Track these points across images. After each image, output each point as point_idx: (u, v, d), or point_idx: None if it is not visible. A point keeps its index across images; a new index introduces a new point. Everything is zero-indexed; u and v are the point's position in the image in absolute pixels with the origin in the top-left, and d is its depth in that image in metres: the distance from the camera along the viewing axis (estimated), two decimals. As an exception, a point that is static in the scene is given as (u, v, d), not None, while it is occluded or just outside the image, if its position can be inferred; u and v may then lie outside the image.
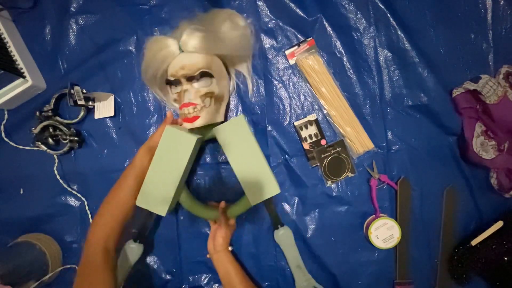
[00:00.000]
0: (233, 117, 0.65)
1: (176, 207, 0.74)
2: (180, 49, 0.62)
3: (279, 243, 0.71)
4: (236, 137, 0.63)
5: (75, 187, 0.77)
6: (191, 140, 0.60)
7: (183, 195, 0.70)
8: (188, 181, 0.74)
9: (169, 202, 0.62)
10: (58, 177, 0.75)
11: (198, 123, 0.63)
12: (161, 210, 0.62)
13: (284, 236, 0.71)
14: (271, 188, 0.62)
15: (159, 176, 0.61)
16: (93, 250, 0.56)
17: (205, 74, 0.63)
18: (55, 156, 0.75)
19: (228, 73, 0.71)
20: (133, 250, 0.70)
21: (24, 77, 0.72)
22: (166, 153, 0.61)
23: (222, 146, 0.63)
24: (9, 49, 0.72)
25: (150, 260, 0.75)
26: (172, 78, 0.64)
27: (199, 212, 0.70)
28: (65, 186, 0.75)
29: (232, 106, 0.75)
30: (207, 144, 0.75)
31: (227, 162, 0.74)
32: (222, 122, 0.67)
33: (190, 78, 0.62)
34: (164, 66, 0.64)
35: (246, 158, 0.63)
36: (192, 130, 0.65)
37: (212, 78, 0.64)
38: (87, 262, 0.55)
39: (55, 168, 0.75)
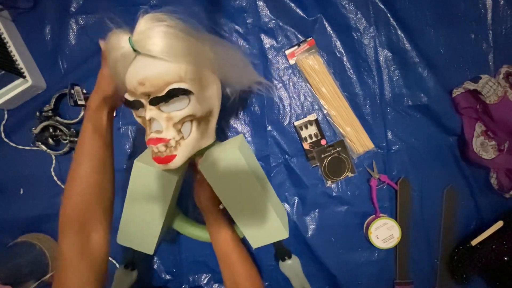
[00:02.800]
0: (225, 149, 0.49)
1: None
2: (134, 49, 0.41)
3: (285, 273, 0.68)
4: (229, 175, 0.49)
5: (75, 187, 0.77)
6: (171, 179, 0.49)
7: (177, 220, 0.63)
8: (179, 200, 0.68)
9: (155, 240, 0.54)
10: (55, 178, 0.75)
11: (174, 164, 0.44)
12: (148, 248, 0.54)
13: (291, 267, 0.67)
14: (278, 233, 0.53)
15: (138, 215, 0.52)
16: (64, 241, 0.44)
17: (176, 93, 0.41)
18: (53, 157, 0.75)
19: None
20: (123, 279, 0.64)
21: (24, 77, 0.72)
22: (141, 195, 0.50)
23: (212, 185, 0.51)
24: (9, 49, 0.72)
25: (150, 260, 0.75)
26: (130, 98, 0.43)
27: (199, 236, 0.64)
28: (63, 187, 0.75)
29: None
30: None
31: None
32: (212, 145, 0.52)
33: (154, 101, 0.41)
34: (120, 76, 0.44)
35: (244, 200, 0.51)
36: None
37: (189, 95, 0.43)
38: (59, 257, 0.44)
39: (52, 169, 0.75)
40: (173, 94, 0.41)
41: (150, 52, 0.40)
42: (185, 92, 0.42)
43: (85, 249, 0.44)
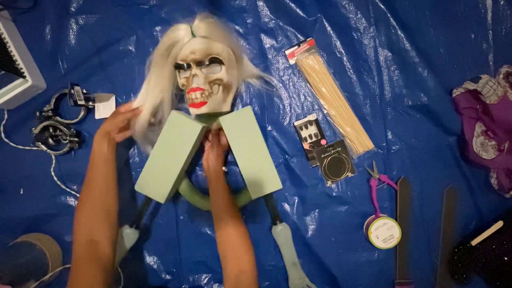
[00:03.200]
0: (241, 108, 0.64)
1: (174, 200, 0.74)
2: (193, 34, 0.61)
3: (276, 239, 0.71)
4: (242, 129, 0.63)
5: (75, 187, 0.77)
6: (196, 128, 0.60)
7: (183, 184, 0.69)
8: (189, 171, 0.73)
9: (168, 190, 0.62)
10: (55, 178, 0.75)
11: (204, 109, 0.61)
12: (160, 197, 0.62)
13: (282, 232, 0.70)
14: (274, 183, 0.63)
15: (160, 163, 0.62)
16: (77, 246, 0.55)
17: (215, 60, 0.61)
18: (53, 157, 0.75)
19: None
20: (128, 235, 0.68)
21: (24, 77, 0.72)
22: (170, 140, 0.61)
23: (227, 136, 0.64)
24: (9, 49, 0.72)
25: (150, 260, 0.75)
26: (181, 62, 0.62)
27: (197, 202, 0.69)
28: (63, 187, 0.75)
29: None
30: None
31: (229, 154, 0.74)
32: (228, 113, 0.66)
33: (199, 63, 0.61)
34: (176, 49, 0.62)
35: (251, 151, 0.63)
36: (197, 117, 0.64)
37: (221, 65, 0.62)
38: (73, 259, 0.54)
39: (52, 169, 0.75)
40: (212, 60, 0.61)
41: (203, 35, 0.61)
42: (219, 61, 0.62)
43: (93, 254, 0.54)
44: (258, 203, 0.72)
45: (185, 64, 0.62)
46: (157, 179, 0.62)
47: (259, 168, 0.63)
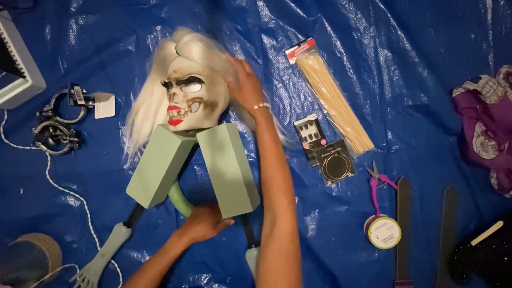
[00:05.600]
0: (217, 126, 0.65)
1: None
2: (177, 52, 0.63)
3: (249, 263, 0.70)
4: (215, 146, 0.64)
5: (74, 187, 0.77)
6: (176, 142, 0.63)
7: (172, 190, 0.72)
8: (180, 177, 0.76)
9: (151, 197, 0.65)
10: (51, 181, 0.76)
11: (180, 126, 0.62)
12: (144, 202, 0.66)
13: (257, 258, 0.68)
14: (244, 206, 0.63)
15: (146, 171, 0.66)
16: None
17: (194, 80, 0.62)
18: (49, 158, 0.76)
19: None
20: (122, 233, 0.73)
21: (24, 77, 0.72)
22: (154, 151, 0.66)
23: (202, 153, 0.65)
24: (9, 49, 0.72)
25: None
26: (166, 80, 0.65)
27: (181, 208, 0.72)
28: (60, 188, 0.76)
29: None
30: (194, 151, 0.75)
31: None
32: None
33: (179, 82, 0.63)
34: (164, 65, 0.66)
35: (223, 170, 0.64)
36: (181, 132, 0.66)
37: (201, 84, 0.63)
38: None
39: (47, 171, 0.76)
40: (191, 80, 0.62)
41: (185, 56, 0.63)
42: (199, 80, 0.63)
43: None
44: (260, 205, 0.72)
45: (168, 82, 0.64)
46: (143, 185, 0.66)
47: (230, 188, 0.63)
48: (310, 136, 0.73)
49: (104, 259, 0.73)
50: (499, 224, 0.67)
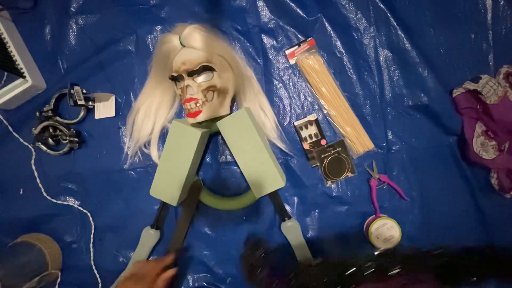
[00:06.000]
0: (236, 111, 0.65)
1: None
2: (182, 44, 0.62)
3: (286, 235, 0.71)
4: (239, 131, 0.64)
5: (74, 187, 0.77)
6: (196, 134, 0.63)
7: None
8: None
9: (179, 193, 0.66)
10: (36, 174, 0.76)
11: (200, 117, 0.63)
12: (173, 200, 0.66)
13: (292, 228, 0.71)
14: (276, 182, 0.65)
15: (168, 169, 0.66)
16: None
17: (206, 68, 0.62)
18: (33, 151, 0.75)
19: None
20: (151, 235, 0.73)
21: (24, 77, 0.72)
22: (173, 147, 0.65)
23: (226, 140, 0.65)
24: (9, 49, 0.72)
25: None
26: (175, 74, 0.64)
27: (206, 200, 0.71)
28: (40, 186, 0.76)
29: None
30: (209, 143, 0.75)
31: (227, 162, 0.74)
32: (227, 115, 0.67)
33: (191, 73, 0.62)
34: (168, 60, 0.65)
35: (249, 152, 0.64)
36: (196, 125, 0.66)
37: (213, 72, 0.63)
38: None
39: (32, 161, 0.75)
40: (203, 69, 0.62)
41: (191, 46, 0.62)
42: (210, 68, 0.63)
43: None
44: (260, 204, 0.72)
45: (178, 76, 0.64)
46: (167, 184, 0.66)
47: (259, 168, 0.65)
48: (310, 136, 0.73)
49: None
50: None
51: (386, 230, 0.69)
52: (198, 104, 0.63)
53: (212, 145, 0.75)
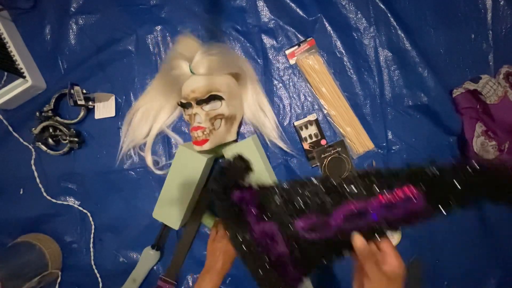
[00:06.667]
0: (243, 140, 0.66)
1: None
2: (192, 71, 0.63)
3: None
4: None
5: (74, 187, 0.77)
6: (202, 161, 0.64)
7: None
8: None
9: (181, 217, 0.66)
10: (36, 173, 0.76)
11: (206, 146, 0.63)
12: (175, 224, 0.67)
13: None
14: None
15: (173, 193, 0.66)
16: None
17: (215, 97, 0.63)
18: (33, 150, 0.75)
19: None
20: (151, 256, 0.73)
21: (24, 77, 0.72)
22: (179, 172, 0.66)
23: None
24: (9, 49, 0.72)
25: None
26: (184, 101, 0.65)
27: (205, 220, 0.72)
28: (40, 186, 0.76)
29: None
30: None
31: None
32: (235, 141, 0.69)
33: (199, 102, 0.63)
34: (177, 85, 0.66)
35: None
36: (202, 152, 0.66)
37: (222, 101, 0.64)
38: None
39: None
40: (212, 98, 0.63)
41: (201, 74, 0.62)
42: (219, 98, 0.63)
43: None
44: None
45: (187, 103, 0.64)
46: (170, 208, 0.66)
47: None
48: (310, 136, 0.73)
49: (135, 284, 0.73)
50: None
51: (386, 230, 0.69)
52: (205, 133, 0.63)
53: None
